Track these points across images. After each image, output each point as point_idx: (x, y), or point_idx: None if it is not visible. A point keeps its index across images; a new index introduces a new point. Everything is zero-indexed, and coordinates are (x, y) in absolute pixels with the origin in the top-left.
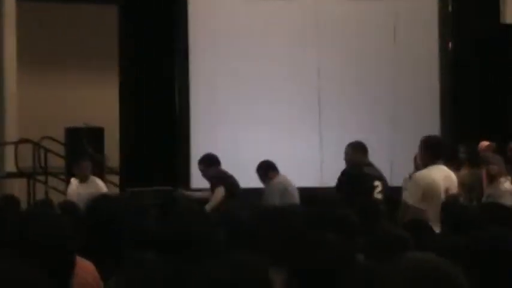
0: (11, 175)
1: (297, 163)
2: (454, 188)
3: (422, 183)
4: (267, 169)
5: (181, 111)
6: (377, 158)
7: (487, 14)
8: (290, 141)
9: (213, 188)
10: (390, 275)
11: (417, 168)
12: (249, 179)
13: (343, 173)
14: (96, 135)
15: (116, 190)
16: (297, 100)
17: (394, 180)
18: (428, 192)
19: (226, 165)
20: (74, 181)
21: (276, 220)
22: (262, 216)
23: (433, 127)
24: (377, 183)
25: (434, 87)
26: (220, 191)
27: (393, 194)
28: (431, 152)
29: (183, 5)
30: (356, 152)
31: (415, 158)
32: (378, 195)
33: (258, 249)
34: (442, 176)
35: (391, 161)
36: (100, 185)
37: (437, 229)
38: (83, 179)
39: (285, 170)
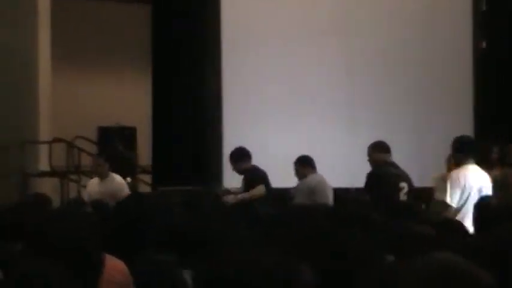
0: (44, 174)
1: (328, 163)
2: (488, 187)
3: (460, 183)
4: (302, 164)
5: (213, 110)
6: (408, 158)
7: None
8: (321, 140)
9: (248, 183)
10: (409, 275)
11: (449, 168)
12: (280, 178)
13: (369, 175)
14: (128, 134)
15: (147, 189)
16: (328, 99)
17: (425, 181)
18: (464, 191)
19: (258, 164)
20: (94, 179)
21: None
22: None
23: (465, 127)
24: (403, 184)
25: (467, 87)
26: (261, 189)
27: (422, 194)
28: (463, 152)
29: (216, 3)
30: (377, 151)
31: (449, 159)
32: (403, 197)
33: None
34: (476, 175)
35: (423, 161)
36: (118, 183)
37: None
38: (101, 177)
39: (320, 171)
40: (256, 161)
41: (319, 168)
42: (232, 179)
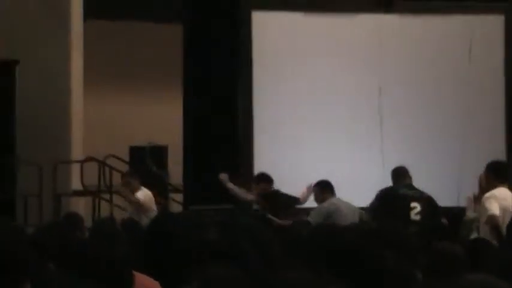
0: (76, 193)
1: (358, 183)
2: None
3: (498, 199)
4: (320, 188)
5: (244, 130)
6: (443, 178)
7: None
8: (351, 160)
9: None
10: None
11: (481, 190)
12: (311, 199)
13: (377, 196)
14: (159, 153)
15: (179, 208)
16: (359, 120)
17: (461, 201)
18: (501, 209)
19: (288, 185)
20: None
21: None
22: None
23: (498, 150)
24: (414, 204)
25: (499, 107)
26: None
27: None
28: (495, 175)
29: (247, 24)
30: (396, 178)
31: (480, 179)
32: (415, 216)
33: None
34: (509, 196)
35: (458, 181)
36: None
37: None
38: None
39: (346, 190)
40: (287, 179)
41: (346, 188)
42: None
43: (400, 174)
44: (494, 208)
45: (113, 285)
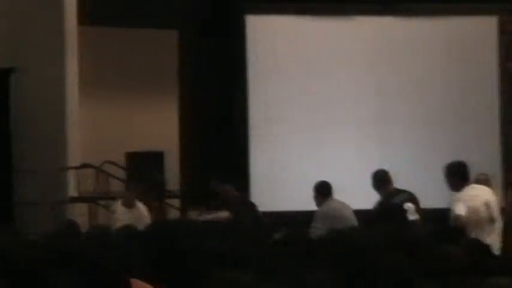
0: (73, 200)
1: (357, 184)
2: (493, 201)
3: (465, 200)
4: (317, 191)
5: (240, 134)
6: (437, 178)
7: None
8: (350, 162)
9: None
10: None
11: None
12: (305, 201)
13: (375, 209)
14: (156, 159)
15: (176, 214)
16: (357, 121)
17: None
18: (470, 207)
19: (285, 188)
20: (121, 206)
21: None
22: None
23: (493, 149)
24: (407, 206)
25: (494, 107)
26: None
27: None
28: (459, 176)
29: (242, 28)
30: (380, 181)
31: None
32: (412, 216)
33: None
34: (477, 192)
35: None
36: (144, 212)
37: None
38: (129, 206)
39: (345, 192)
40: (284, 183)
41: (345, 191)
42: (259, 203)
43: (382, 179)
44: (458, 209)
45: None
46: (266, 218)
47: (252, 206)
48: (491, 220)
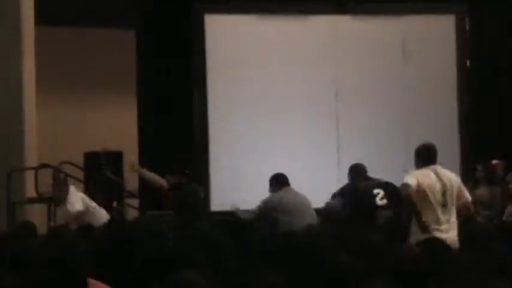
0: (31, 200)
1: (314, 183)
2: (453, 185)
3: (418, 176)
4: (274, 182)
5: (199, 134)
6: (396, 177)
7: (505, 32)
8: (307, 160)
9: None
10: None
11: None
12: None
13: (339, 193)
14: (114, 159)
15: (135, 213)
16: (315, 120)
17: None
18: (421, 188)
19: (245, 188)
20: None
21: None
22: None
23: (452, 146)
24: (377, 190)
25: (452, 107)
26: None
27: None
28: (421, 156)
29: (200, 27)
30: (355, 175)
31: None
32: (380, 201)
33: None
34: (435, 175)
35: None
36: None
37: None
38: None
39: (302, 190)
40: (244, 183)
41: (302, 188)
42: (218, 204)
43: (358, 170)
44: (407, 179)
45: None
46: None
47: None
48: (443, 206)
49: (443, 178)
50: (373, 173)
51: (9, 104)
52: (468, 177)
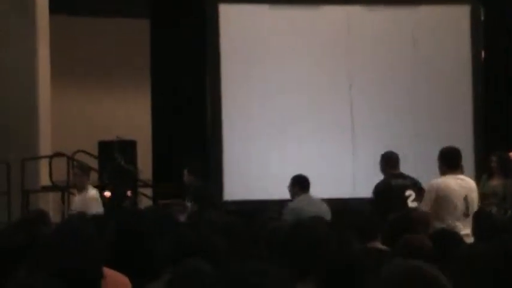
0: (45, 189)
1: (330, 175)
2: (474, 196)
3: (435, 188)
4: (292, 184)
5: (213, 124)
6: (410, 168)
7: None
8: (323, 152)
9: None
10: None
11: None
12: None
13: (374, 190)
14: (128, 148)
15: (149, 203)
16: (329, 111)
17: None
18: (442, 197)
19: (258, 178)
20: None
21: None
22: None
23: (465, 137)
24: (409, 192)
25: (467, 97)
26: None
27: None
28: (446, 162)
29: (215, 16)
30: (386, 163)
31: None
32: (412, 204)
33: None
34: (458, 183)
35: (425, 171)
36: (90, 197)
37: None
38: (78, 189)
39: (318, 182)
40: (256, 173)
41: (318, 180)
42: (231, 193)
43: (391, 160)
44: (424, 205)
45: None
46: (235, 206)
47: (212, 198)
48: (466, 215)
49: (465, 187)
50: None
51: (24, 92)
52: (482, 168)
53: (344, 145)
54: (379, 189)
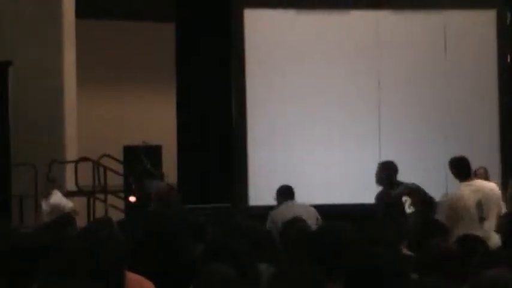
0: (71, 193)
1: (357, 179)
2: (490, 196)
3: (448, 204)
4: (276, 195)
5: (238, 128)
6: (434, 172)
7: None
8: (349, 157)
9: None
10: None
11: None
12: (306, 195)
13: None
14: (154, 153)
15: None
16: (357, 117)
17: None
18: (455, 210)
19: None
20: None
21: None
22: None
23: (493, 141)
24: (404, 198)
25: (493, 102)
26: None
27: None
28: (457, 171)
29: (240, 21)
30: (382, 171)
31: (475, 172)
32: (408, 209)
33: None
34: (471, 190)
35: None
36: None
37: None
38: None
39: (343, 186)
40: (281, 177)
41: (344, 184)
42: (256, 198)
43: (387, 168)
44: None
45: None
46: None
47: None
48: (481, 219)
49: (479, 191)
50: (412, 166)
51: (50, 96)
52: (509, 172)
53: (371, 150)
54: (379, 200)
